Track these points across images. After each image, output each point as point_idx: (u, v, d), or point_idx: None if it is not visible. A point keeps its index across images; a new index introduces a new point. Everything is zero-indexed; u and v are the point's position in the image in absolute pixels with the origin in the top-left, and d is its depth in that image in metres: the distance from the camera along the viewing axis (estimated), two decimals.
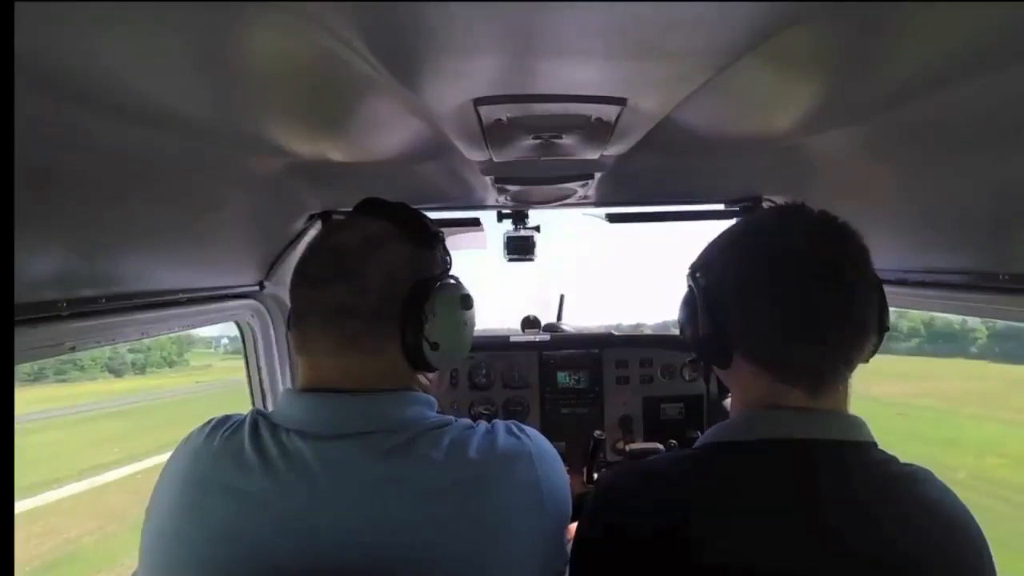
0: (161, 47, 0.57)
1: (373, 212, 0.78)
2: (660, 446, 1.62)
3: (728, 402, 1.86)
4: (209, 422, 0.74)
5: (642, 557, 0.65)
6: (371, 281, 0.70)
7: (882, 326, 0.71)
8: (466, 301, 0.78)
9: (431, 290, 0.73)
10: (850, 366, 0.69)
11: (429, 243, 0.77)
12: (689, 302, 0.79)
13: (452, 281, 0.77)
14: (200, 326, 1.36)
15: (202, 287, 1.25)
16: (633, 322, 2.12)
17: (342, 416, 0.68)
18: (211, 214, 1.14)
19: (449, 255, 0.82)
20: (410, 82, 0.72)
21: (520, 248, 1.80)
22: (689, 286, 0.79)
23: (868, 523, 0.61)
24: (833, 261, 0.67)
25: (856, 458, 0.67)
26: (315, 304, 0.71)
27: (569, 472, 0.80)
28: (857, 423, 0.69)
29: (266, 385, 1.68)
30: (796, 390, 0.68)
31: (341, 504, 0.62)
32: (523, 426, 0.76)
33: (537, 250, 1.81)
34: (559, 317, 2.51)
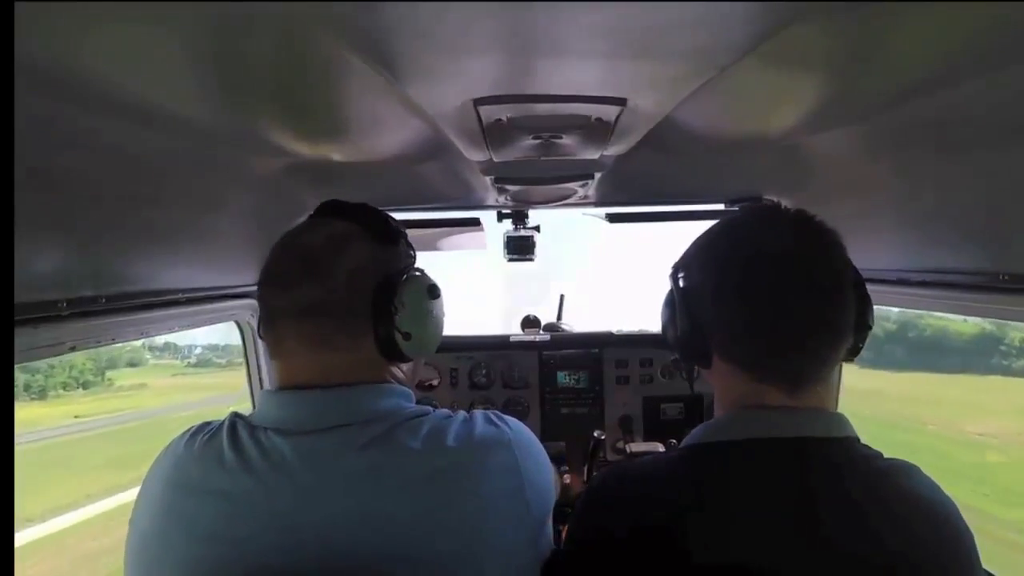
0: (161, 47, 0.57)
1: (335, 213, 0.79)
2: (660, 447, 1.62)
3: None
4: (189, 429, 0.75)
5: (631, 558, 0.65)
6: (339, 278, 0.72)
7: (863, 324, 0.71)
8: (433, 291, 0.80)
9: (398, 283, 0.74)
10: (827, 364, 0.69)
11: (392, 239, 0.79)
12: (669, 303, 0.80)
13: (418, 273, 0.79)
14: (200, 326, 1.36)
15: (202, 287, 1.25)
16: (635, 328, 2.11)
17: (318, 411, 0.69)
18: (211, 214, 1.14)
19: (413, 250, 0.84)
20: (410, 82, 0.72)
21: (520, 248, 1.80)
22: (670, 287, 0.79)
23: (856, 519, 0.62)
24: (807, 261, 0.68)
25: (842, 454, 0.67)
26: (286, 304, 0.72)
27: (569, 472, 0.80)
28: (839, 419, 0.69)
29: (266, 385, 1.68)
30: (776, 390, 0.69)
31: (323, 498, 0.63)
32: (503, 415, 0.77)
33: (536, 250, 1.82)
34: (559, 317, 2.51)
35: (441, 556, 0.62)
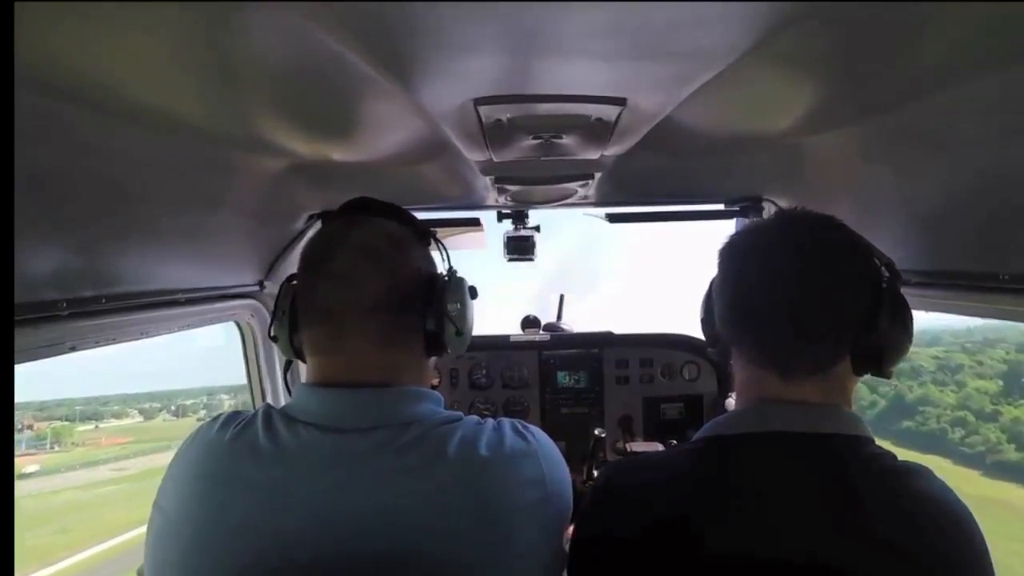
0: (161, 48, 0.57)
1: (381, 212, 0.80)
2: (660, 447, 1.62)
3: (728, 402, 1.86)
4: (218, 417, 0.74)
5: (644, 550, 0.65)
6: (404, 276, 0.74)
7: (887, 321, 0.69)
8: (473, 291, 0.85)
9: (452, 280, 0.79)
10: (816, 345, 0.69)
11: (428, 240, 0.83)
12: (704, 299, 0.85)
13: (458, 273, 0.84)
14: (200, 326, 1.36)
15: (202, 287, 1.25)
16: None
17: (359, 411, 0.70)
18: (211, 214, 1.14)
19: (445, 248, 0.87)
20: (410, 83, 0.72)
21: (520, 248, 1.81)
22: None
23: (865, 516, 0.62)
24: (799, 255, 0.69)
25: (852, 452, 0.67)
26: (352, 301, 0.72)
27: (570, 472, 0.80)
28: (852, 418, 0.70)
29: (266, 384, 1.68)
30: (781, 383, 0.70)
31: (356, 497, 0.64)
32: (528, 424, 0.78)
33: (537, 250, 1.82)
34: (559, 317, 2.51)
35: (466, 560, 0.63)
